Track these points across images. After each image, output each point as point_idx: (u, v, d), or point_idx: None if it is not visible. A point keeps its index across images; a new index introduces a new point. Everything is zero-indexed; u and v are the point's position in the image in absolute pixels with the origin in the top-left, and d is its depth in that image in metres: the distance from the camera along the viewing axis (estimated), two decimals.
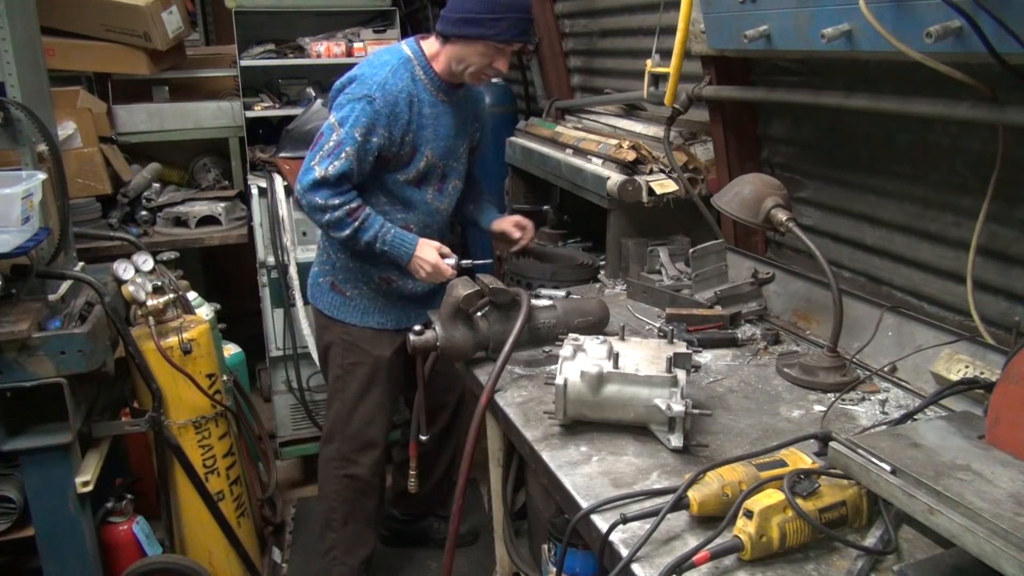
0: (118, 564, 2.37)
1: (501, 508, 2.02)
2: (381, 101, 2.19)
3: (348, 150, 2.18)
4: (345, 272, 2.46)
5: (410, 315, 2.47)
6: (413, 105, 2.25)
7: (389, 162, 2.29)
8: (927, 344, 1.69)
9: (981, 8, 1.31)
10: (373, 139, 2.20)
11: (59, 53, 3.46)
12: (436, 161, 2.36)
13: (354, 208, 2.22)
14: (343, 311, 2.47)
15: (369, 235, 2.24)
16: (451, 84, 2.32)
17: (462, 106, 2.41)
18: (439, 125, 2.33)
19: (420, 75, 2.28)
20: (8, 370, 2.01)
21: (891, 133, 1.91)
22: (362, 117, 2.18)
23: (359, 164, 2.21)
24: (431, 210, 2.41)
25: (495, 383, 1.73)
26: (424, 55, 2.29)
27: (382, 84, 2.20)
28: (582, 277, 2.67)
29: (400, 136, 2.25)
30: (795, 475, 1.20)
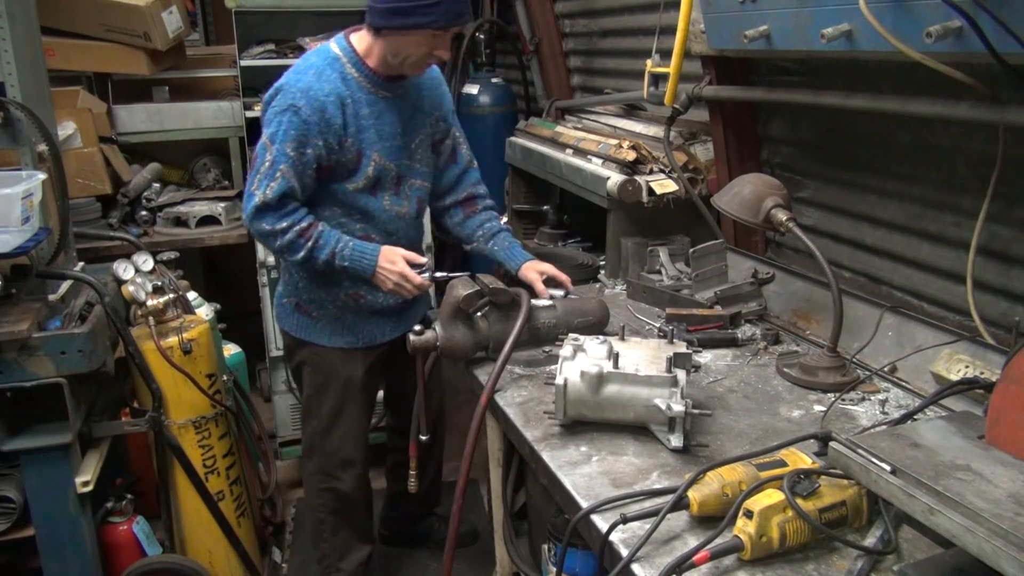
0: (118, 564, 2.36)
1: (501, 508, 2.02)
2: (307, 109, 2.00)
3: (283, 168, 2.01)
4: (309, 292, 2.28)
5: (384, 330, 2.34)
6: (346, 107, 2.06)
7: (335, 172, 2.11)
8: (927, 344, 1.69)
9: (981, 8, 1.31)
10: (308, 151, 2.03)
11: (59, 53, 3.46)
12: (387, 163, 2.16)
13: (304, 228, 2.06)
14: (310, 332, 2.32)
15: (326, 253, 2.08)
16: (390, 77, 2.12)
17: (410, 98, 2.21)
18: (383, 124, 2.13)
19: (352, 73, 2.08)
20: (8, 370, 2.01)
21: (891, 133, 1.91)
22: (290, 130, 2.00)
23: (300, 180, 2.04)
24: (391, 217, 2.22)
25: (495, 383, 1.73)
26: (355, 51, 2.10)
27: (305, 91, 2.01)
28: (582, 277, 2.67)
29: (337, 143, 2.06)
30: (795, 475, 1.20)
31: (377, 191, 2.18)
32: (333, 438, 2.38)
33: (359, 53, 2.10)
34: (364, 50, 2.10)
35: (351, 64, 2.09)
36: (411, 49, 2.02)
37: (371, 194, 2.17)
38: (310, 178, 2.08)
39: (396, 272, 2.11)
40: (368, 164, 2.12)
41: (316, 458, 2.43)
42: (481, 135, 4.29)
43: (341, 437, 2.38)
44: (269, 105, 2.07)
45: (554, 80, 3.82)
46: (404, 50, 2.02)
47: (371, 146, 2.12)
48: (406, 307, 2.36)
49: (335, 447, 2.39)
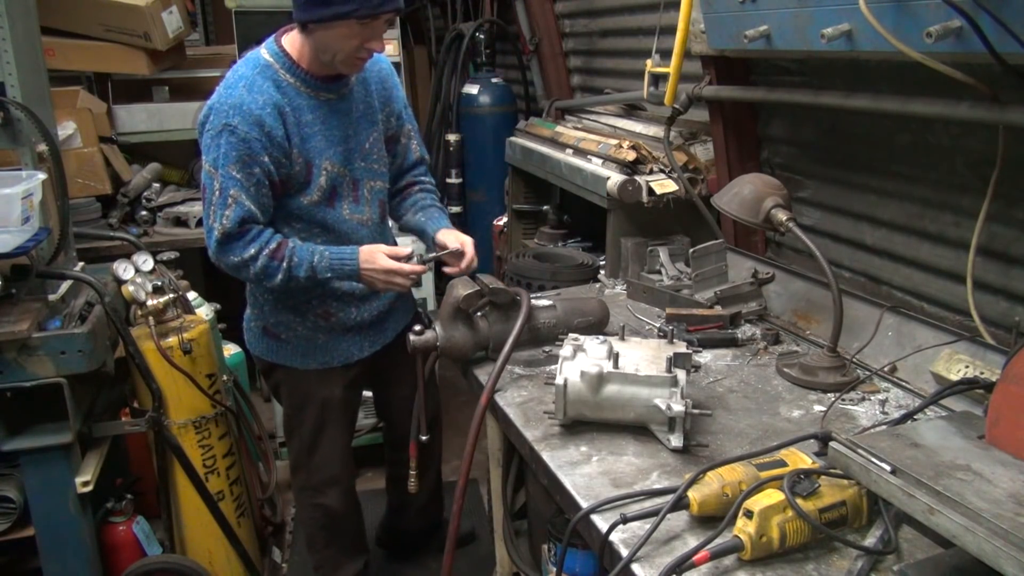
0: (118, 564, 2.37)
1: (501, 508, 2.02)
2: (244, 126, 1.85)
3: (233, 193, 1.87)
4: (276, 315, 2.15)
5: (362, 345, 2.23)
6: (286, 116, 1.91)
7: (286, 186, 1.97)
8: (927, 344, 1.69)
9: (981, 8, 1.31)
10: (255, 170, 1.88)
11: (59, 53, 3.46)
12: (340, 170, 2.02)
13: (274, 249, 1.94)
14: (281, 355, 2.20)
15: (304, 269, 1.95)
16: (329, 77, 1.97)
17: (356, 96, 2.06)
18: (330, 128, 1.99)
19: (286, 79, 1.93)
20: (8, 370, 2.01)
21: (891, 133, 1.91)
22: (231, 152, 1.86)
23: (256, 202, 1.91)
24: (353, 226, 2.09)
25: (495, 383, 1.73)
26: (285, 54, 1.95)
27: (238, 107, 1.86)
28: (582, 277, 2.67)
29: (284, 155, 1.92)
30: (795, 475, 1.20)
31: (334, 201, 2.05)
32: (316, 456, 2.32)
33: (292, 56, 1.95)
34: (297, 52, 1.95)
35: (284, 69, 1.94)
36: (340, 43, 1.86)
37: (328, 205, 2.04)
38: (266, 197, 1.94)
39: (380, 269, 1.99)
40: (319, 174, 1.99)
41: (302, 474, 2.38)
42: (481, 135, 4.31)
43: (323, 456, 2.32)
44: (204, 128, 1.92)
45: (554, 80, 3.82)
46: (332, 45, 1.86)
47: (320, 154, 1.98)
48: (384, 320, 2.26)
49: (318, 465, 2.33)
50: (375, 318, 2.22)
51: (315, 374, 2.21)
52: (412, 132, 2.28)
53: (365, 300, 2.18)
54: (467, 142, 4.39)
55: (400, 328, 2.34)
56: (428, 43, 5.14)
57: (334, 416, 2.27)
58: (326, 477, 2.34)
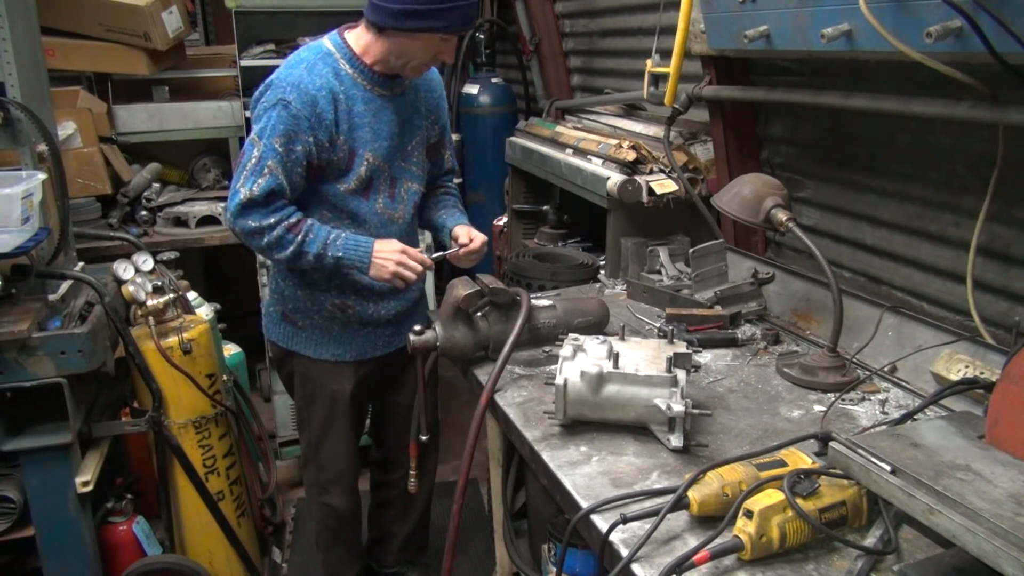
0: (118, 564, 2.37)
1: (501, 508, 2.02)
2: (298, 103, 1.92)
3: (270, 164, 1.92)
4: (295, 300, 2.19)
5: (376, 343, 2.25)
6: (339, 103, 1.98)
7: (325, 171, 2.02)
8: (927, 344, 1.69)
9: (981, 8, 1.31)
10: (297, 148, 1.94)
11: (59, 53, 3.46)
12: (380, 164, 2.08)
13: (293, 223, 1.98)
14: (296, 342, 2.24)
15: (317, 246, 1.98)
16: (388, 75, 2.04)
17: (407, 98, 2.13)
18: (379, 123, 2.05)
19: (346, 69, 2.00)
20: (8, 370, 2.01)
21: (891, 133, 1.91)
22: (279, 125, 1.92)
23: (288, 177, 1.96)
24: (383, 220, 2.13)
25: (495, 383, 1.73)
26: (349, 47, 2.02)
27: (296, 84, 1.94)
28: (582, 277, 2.67)
29: (328, 140, 1.98)
30: (795, 475, 1.20)
31: (369, 193, 2.10)
32: (323, 452, 2.34)
33: (354, 50, 2.02)
34: (361, 47, 2.02)
35: (345, 60, 2.01)
36: (417, 52, 1.96)
37: (362, 196, 2.09)
38: (299, 176, 1.99)
39: (395, 252, 2.02)
40: (360, 164, 2.04)
41: (311, 469, 2.41)
42: (481, 135, 4.31)
43: (330, 453, 2.33)
44: (259, 101, 2.00)
45: (554, 80, 3.82)
46: (409, 52, 1.96)
47: (365, 145, 2.04)
48: (401, 319, 2.27)
49: (325, 462, 2.35)
50: (392, 317, 2.24)
51: (327, 366, 2.23)
52: (448, 144, 2.36)
53: (384, 297, 2.20)
54: (467, 142, 4.39)
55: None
56: None
57: (342, 411, 2.28)
58: (332, 475, 2.36)
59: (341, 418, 2.29)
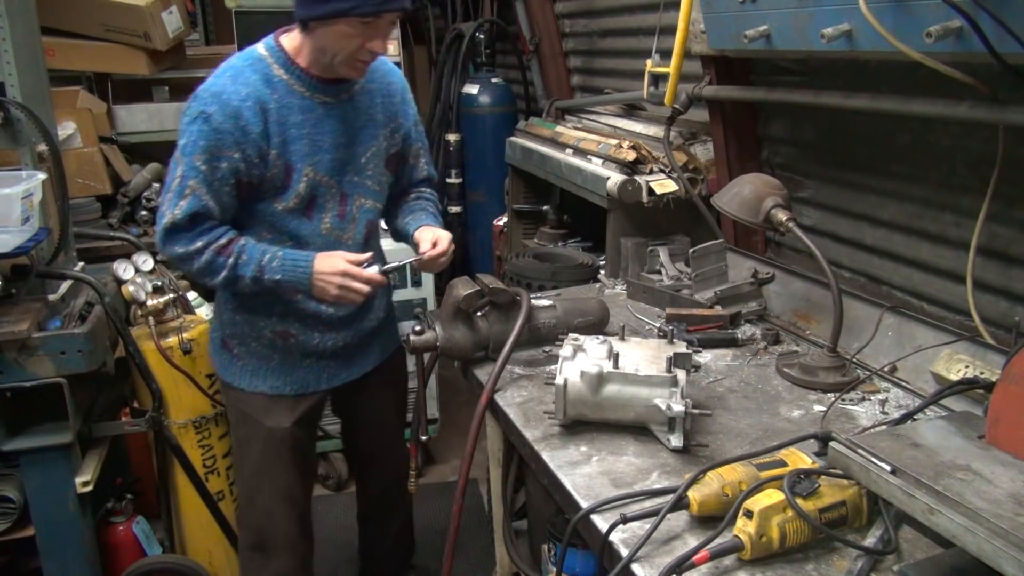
0: (118, 564, 2.37)
1: (501, 508, 2.02)
2: (219, 116, 1.72)
3: (192, 184, 1.74)
4: (232, 326, 1.99)
5: (320, 376, 2.03)
6: (269, 114, 1.77)
7: (260, 189, 1.82)
8: (927, 344, 1.69)
9: (981, 8, 1.31)
10: (222, 165, 1.75)
11: (59, 53, 3.46)
12: (324, 179, 1.86)
13: (223, 245, 1.79)
14: (231, 372, 2.02)
15: (252, 269, 1.79)
16: (328, 80, 1.83)
17: (358, 105, 1.91)
18: (320, 133, 1.84)
19: (280, 75, 1.79)
20: (8, 370, 2.01)
21: (891, 133, 1.91)
22: (200, 141, 1.73)
23: (215, 197, 1.77)
24: (330, 242, 1.91)
25: (495, 383, 1.73)
26: (283, 51, 1.82)
27: (218, 95, 1.74)
28: (582, 277, 2.67)
29: (258, 155, 1.77)
30: (795, 475, 1.20)
31: (313, 212, 1.88)
32: (257, 510, 2.06)
33: (289, 53, 1.82)
34: (294, 49, 1.81)
35: (279, 65, 1.81)
36: (339, 43, 1.72)
37: (304, 215, 1.87)
38: (228, 195, 1.79)
39: (338, 272, 1.80)
40: (299, 180, 1.83)
41: (244, 531, 2.13)
42: (481, 135, 4.31)
43: (265, 510, 2.05)
44: (183, 113, 1.80)
45: (554, 80, 3.82)
46: (332, 45, 1.73)
47: (303, 159, 1.82)
48: (354, 352, 2.07)
49: (260, 523, 2.06)
50: (341, 349, 2.03)
51: (263, 400, 2.00)
52: (421, 151, 2.13)
53: (332, 327, 2.00)
54: (467, 142, 4.39)
55: (376, 362, 2.16)
56: (428, 43, 5.15)
57: (281, 454, 2.02)
58: (269, 535, 2.06)
59: (280, 462, 2.03)
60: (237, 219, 1.86)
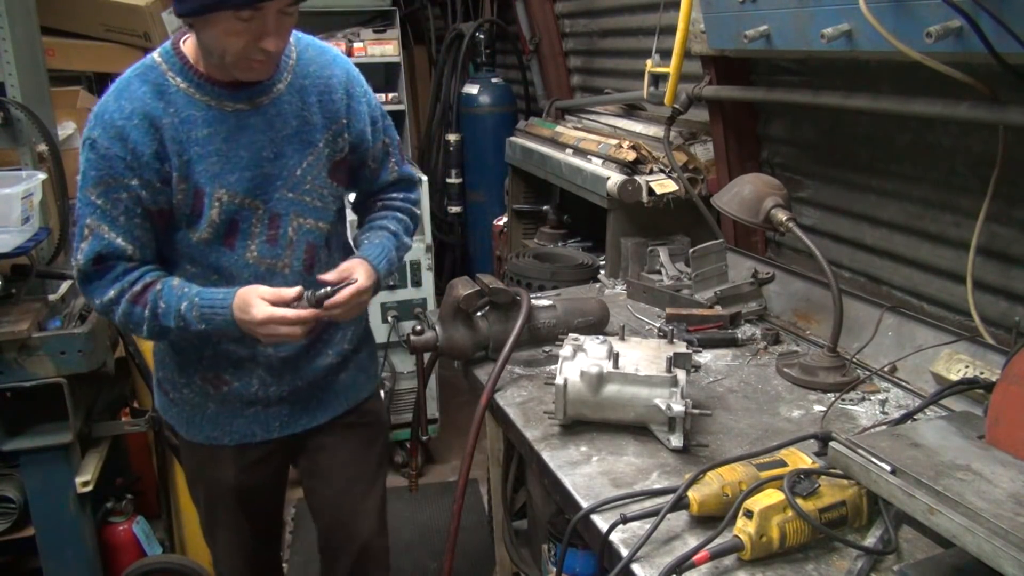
0: (118, 564, 2.37)
1: (501, 508, 2.02)
2: (104, 139, 1.47)
3: (90, 222, 1.51)
4: (162, 368, 1.75)
5: (269, 425, 1.73)
6: (162, 130, 1.49)
7: (170, 217, 1.56)
8: (927, 344, 1.69)
9: (981, 8, 1.31)
10: (121, 195, 1.49)
11: (59, 53, 3.46)
12: (244, 201, 1.56)
13: (138, 292, 1.53)
14: (169, 415, 1.78)
15: (172, 320, 1.52)
16: (237, 84, 1.53)
17: (284, 107, 1.58)
18: (235, 148, 1.54)
19: (175, 83, 1.51)
20: (8, 370, 2.01)
21: (891, 133, 1.91)
22: (90, 171, 1.50)
23: (123, 234, 1.51)
24: (260, 273, 1.61)
25: (495, 383, 1.73)
26: (180, 55, 1.54)
27: (100, 115, 1.49)
28: (582, 277, 2.67)
29: (158, 179, 1.50)
30: (795, 475, 1.20)
31: (235, 240, 1.59)
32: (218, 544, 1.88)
33: (187, 56, 1.54)
34: (194, 53, 1.53)
35: (175, 72, 1.52)
36: (223, 41, 1.43)
37: (224, 245, 1.59)
38: (140, 228, 1.53)
39: (255, 320, 1.48)
40: (210, 205, 1.54)
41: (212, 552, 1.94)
42: (481, 135, 4.31)
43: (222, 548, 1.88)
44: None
45: (554, 80, 3.82)
46: (216, 44, 1.44)
47: (212, 180, 1.53)
48: (301, 396, 1.74)
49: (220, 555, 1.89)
50: (291, 395, 1.73)
51: (203, 449, 1.76)
52: (390, 150, 1.80)
53: (274, 371, 1.69)
54: (467, 142, 4.39)
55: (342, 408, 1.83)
56: (428, 43, 5.14)
57: (226, 505, 1.80)
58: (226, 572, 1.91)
59: (226, 512, 1.81)
60: (162, 252, 1.61)
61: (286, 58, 1.58)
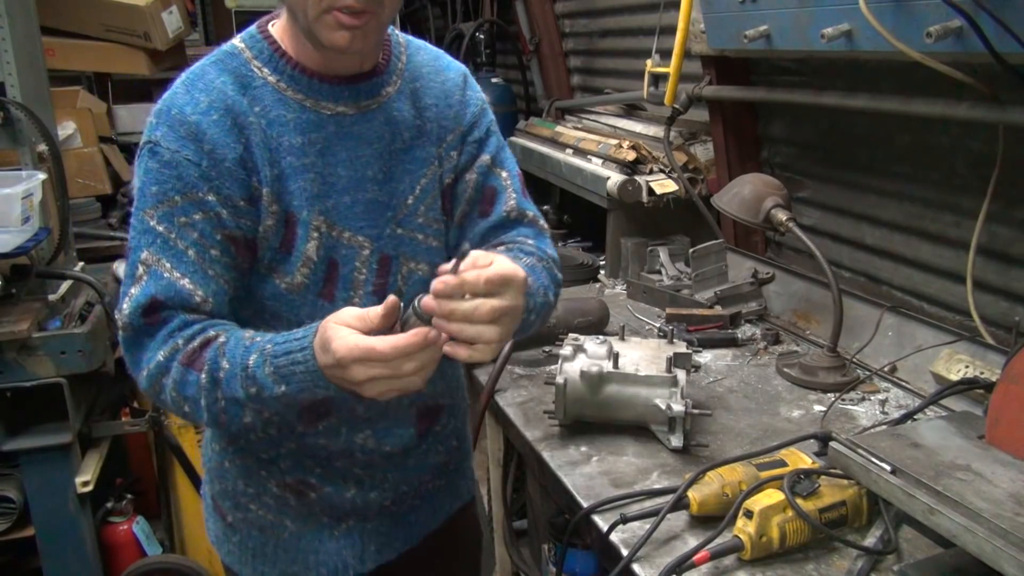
0: (118, 564, 2.37)
1: (501, 508, 2.02)
2: (172, 141, 1.07)
3: (146, 257, 1.07)
4: (221, 477, 1.29)
5: (363, 548, 1.29)
6: (249, 128, 1.10)
7: (257, 251, 1.14)
8: (927, 344, 1.69)
9: (981, 8, 1.31)
10: (195, 218, 1.07)
11: (59, 53, 3.46)
12: (346, 236, 1.16)
13: (196, 349, 1.05)
14: (227, 550, 1.31)
15: (236, 386, 1.02)
16: (345, 79, 1.16)
17: (394, 112, 1.19)
18: (334, 162, 1.15)
19: (262, 75, 1.13)
20: (8, 370, 2.01)
21: (891, 133, 1.91)
22: (151, 186, 1.07)
23: (195, 274, 1.07)
24: None
25: (495, 383, 1.73)
26: (267, 37, 1.16)
27: (166, 111, 1.10)
28: (582, 277, 2.67)
29: (243, 195, 1.10)
30: (795, 475, 1.20)
31: (334, 289, 1.16)
32: None
33: (276, 40, 1.15)
34: (285, 36, 1.15)
35: (261, 59, 1.14)
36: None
37: (320, 295, 1.16)
38: (217, 265, 1.09)
39: (348, 359, 0.94)
40: (305, 238, 1.13)
41: None
42: None
43: None
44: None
45: (554, 80, 3.82)
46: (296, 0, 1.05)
47: (311, 203, 1.13)
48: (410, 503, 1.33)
49: None
50: (394, 503, 1.31)
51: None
52: (508, 180, 1.32)
53: (377, 472, 1.27)
54: None
55: (440, 519, 1.41)
56: None
57: None
58: None
59: None
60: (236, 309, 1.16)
61: (396, 59, 1.22)
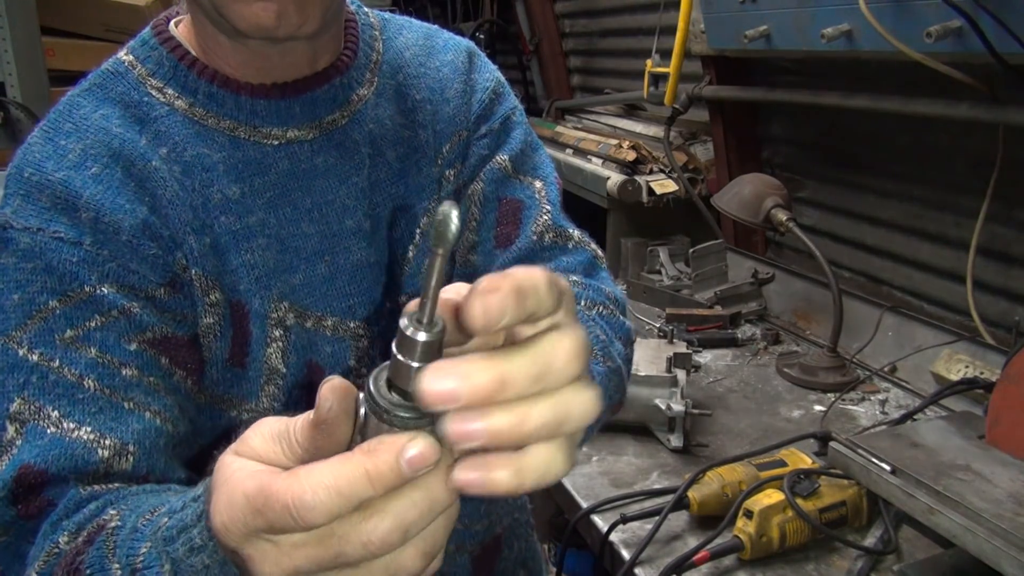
0: None
1: None
2: (32, 219, 0.68)
3: (18, 408, 0.64)
4: None
5: None
6: (157, 183, 0.72)
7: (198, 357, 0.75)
8: (927, 344, 1.69)
9: (981, 8, 1.31)
10: (87, 331, 0.66)
11: (59, 53, 3.46)
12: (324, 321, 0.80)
13: (76, 553, 0.56)
14: None
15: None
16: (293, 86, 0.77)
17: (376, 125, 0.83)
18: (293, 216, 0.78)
19: (162, 97, 0.75)
20: None
21: (891, 133, 1.91)
22: (9, 295, 0.67)
23: (100, 420, 0.65)
24: None
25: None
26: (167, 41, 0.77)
27: (17, 174, 0.70)
28: None
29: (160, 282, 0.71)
30: (795, 475, 1.20)
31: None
32: None
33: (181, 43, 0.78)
34: (189, 33, 0.79)
35: (160, 75, 0.76)
36: None
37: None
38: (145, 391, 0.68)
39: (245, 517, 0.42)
40: (264, 338, 0.77)
41: None
42: None
43: None
44: None
45: (554, 80, 3.82)
46: None
47: (263, 284, 0.76)
48: None
49: None
50: None
51: None
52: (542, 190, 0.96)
53: None
54: None
55: None
56: None
57: None
58: None
59: None
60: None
61: (366, 47, 0.85)
